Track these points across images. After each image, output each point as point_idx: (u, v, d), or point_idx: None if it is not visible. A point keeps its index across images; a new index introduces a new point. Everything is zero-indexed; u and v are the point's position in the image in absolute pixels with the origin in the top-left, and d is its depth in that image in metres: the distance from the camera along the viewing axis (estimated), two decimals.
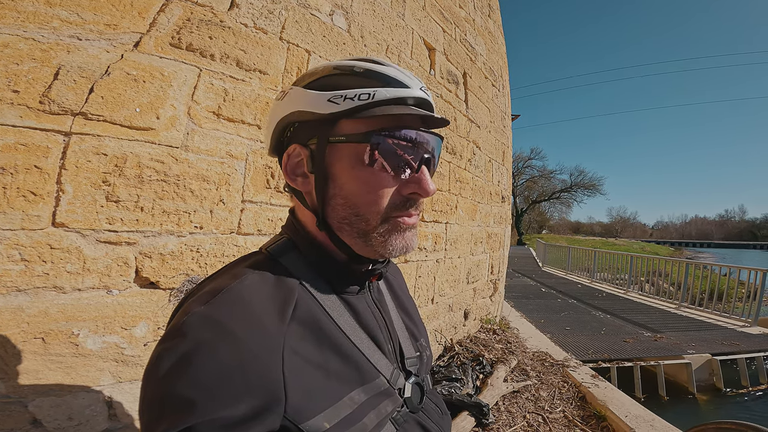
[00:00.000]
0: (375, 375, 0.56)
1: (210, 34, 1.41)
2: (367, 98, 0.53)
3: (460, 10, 3.71)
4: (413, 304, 0.83)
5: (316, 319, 0.53)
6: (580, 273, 12.68)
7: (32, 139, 1.05)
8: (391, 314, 0.70)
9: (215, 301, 0.47)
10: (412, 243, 0.58)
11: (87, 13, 1.15)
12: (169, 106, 1.29)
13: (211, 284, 0.54)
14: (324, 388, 0.49)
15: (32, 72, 1.05)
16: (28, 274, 1.05)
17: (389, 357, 0.61)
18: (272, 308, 0.49)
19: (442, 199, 3.24)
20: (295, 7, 1.77)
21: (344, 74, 0.56)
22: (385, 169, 0.54)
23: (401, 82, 0.56)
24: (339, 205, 0.56)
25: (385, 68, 0.57)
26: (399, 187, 0.56)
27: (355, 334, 0.57)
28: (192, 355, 0.42)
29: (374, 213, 0.55)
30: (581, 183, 48.72)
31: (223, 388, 0.41)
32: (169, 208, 1.30)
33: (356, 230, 0.56)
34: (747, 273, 7.12)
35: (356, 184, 0.55)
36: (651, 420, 2.79)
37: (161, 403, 0.41)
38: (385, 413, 0.55)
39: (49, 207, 1.08)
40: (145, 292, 1.27)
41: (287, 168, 0.60)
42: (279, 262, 0.58)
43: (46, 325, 1.09)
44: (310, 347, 0.50)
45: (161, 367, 0.42)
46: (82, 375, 1.15)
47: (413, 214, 0.58)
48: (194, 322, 0.45)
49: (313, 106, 0.55)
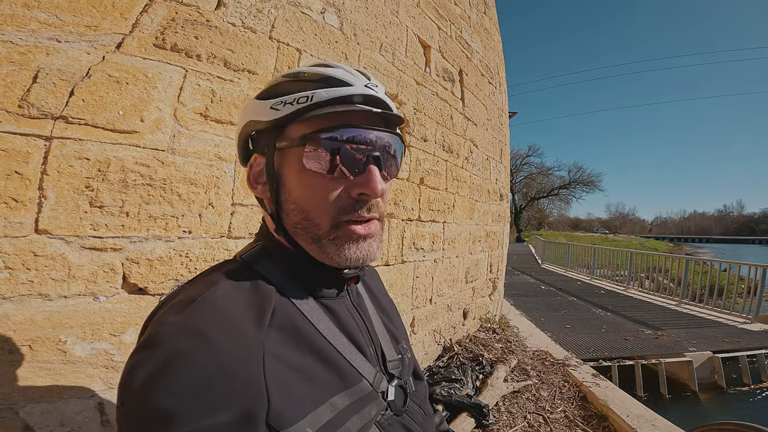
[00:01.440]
0: (357, 379, 0.56)
1: (196, 34, 1.38)
2: (305, 101, 0.53)
3: (455, 6, 3.68)
4: (393, 306, 0.83)
5: (295, 325, 0.52)
6: (580, 270, 12.67)
7: (12, 145, 1.02)
8: (371, 317, 0.69)
9: (189, 310, 0.46)
10: (370, 253, 0.57)
11: (66, 14, 1.12)
12: (153, 108, 1.26)
13: (183, 294, 0.52)
14: (306, 394, 0.48)
15: (10, 75, 1.02)
16: (13, 281, 1.03)
17: (371, 360, 0.61)
18: (249, 315, 0.48)
19: (440, 198, 3.21)
20: (285, 5, 1.75)
21: (290, 80, 0.57)
22: (326, 171, 0.53)
23: (342, 81, 0.55)
24: (291, 210, 0.56)
25: (330, 69, 0.56)
26: (346, 188, 0.55)
27: (335, 339, 0.56)
28: (168, 364, 0.40)
29: (322, 217, 0.54)
30: (580, 179, 48.83)
31: (203, 397, 0.40)
32: (156, 212, 1.27)
33: (310, 235, 0.56)
34: (747, 269, 7.10)
35: (301, 188, 0.55)
36: (653, 419, 2.76)
37: (139, 416, 0.40)
38: (369, 417, 0.54)
39: (32, 214, 1.06)
40: (133, 298, 1.24)
41: (250, 177, 0.61)
42: (254, 269, 0.57)
43: (33, 333, 1.06)
44: (291, 353, 0.49)
45: (136, 378, 0.40)
46: (72, 381, 1.13)
47: (365, 216, 0.56)
48: (168, 332, 0.43)
49: (259, 114, 0.56)
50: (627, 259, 10.25)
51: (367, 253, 0.56)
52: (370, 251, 0.56)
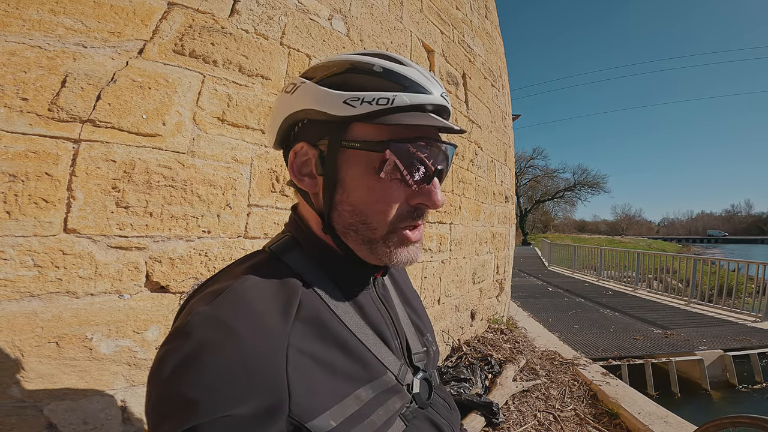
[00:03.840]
0: (382, 371, 0.56)
1: (212, 40, 1.43)
2: (385, 103, 0.50)
3: (457, 11, 3.74)
4: (418, 299, 0.83)
5: (320, 317, 0.52)
6: (587, 271, 12.62)
7: (42, 147, 1.07)
8: (397, 310, 0.69)
9: (218, 301, 0.47)
10: (416, 256, 0.58)
11: (91, 20, 1.17)
12: (174, 112, 1.31)
13: (214, 284, 0.53)
14: (330, 387, 0.48)
15: (40, 80, 1.07)
16: (41, 279, 1.07)
17: (396, 353, 0.61)
18: (276, 307, 0.49)
19: (446, 199, 3.24)
20: (294, 12, 1.80)
21: (361, 72, 0.52)
22: (399, 180, 0.53)
23: (423, 87, 0.53)
24: (346, 212, 0.54)
25: (405, 69, 0.53)
26: (408, 197, 0.54)
27: (361, 331, 0.56)
28: (196, 355, 0.42)
29: (382, 223, 0.54)
30: (585, 181, 48.76)
31: (227, 388, 0.41)
32: (178, 213, 1.31)
33: (362, 238, 0.55)
34: (756, 268, 7.05)
35: (366, 193, 0.53)
36: (665, 416, 2.76)
37: (166, 404, 0.42)
38: (394, 409, 0.54)
39: (61, 213, 1.10)
40: (155, 296, 1.28)
41: (293, 166, 0.58)
42: (282, 260, 0.57)
43: (60, 330, 1.10)
44: (316, 345, 0.49)
45: (166, 368, 0.43)
46: (96, 379, 1.16)
47: (419, 224, 0.57)
48: (198, 322, 0.45)
49: (327, 106, 0.52)
50: (634, 260, 10.21)
51: (415, 255, 0.57)
52: (416, 254, 0.58)
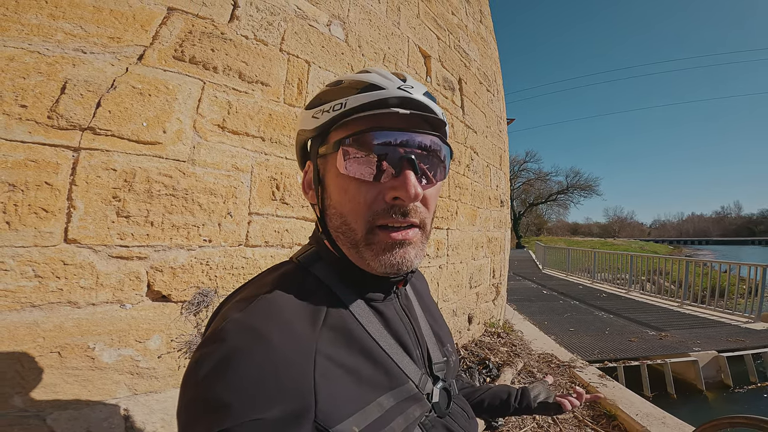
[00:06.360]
0: (404, 380, 0.57)
1: (212, 46, 1.42)
2: (339, 108, 0.55)
3: (452, 16, 3.76)
4: (437, 308, 0.84)
5: (346, 326, 0.54)
6: (581, 274, 12.68)
7: (42, 155, 1.05)
8: (419, 320, 0.70)
9: (251, 309, 0.49)
10: (406, 260, 0.55)
11: (90, 25, 1.16)
12: (174, 119, 1.30)
13: (245, 292, 0.56)
14: (354, 393, 0.49)
15: (39, 86, 1.06)
16: (42, 290, 1.06)
17: (417, 362, 0.62)
18: (304, 315, 0.51)
19: (443, 205, 3.25)
20: (293, 18, 1.80)
21: (331, 88, 0.59)
22: (359, 175, 0.53)
23: (376, 85, 0.55)
24: (332, 215, 0.58)
25: (366, 75, 0.58)
26: (381, 192, 0.54)
27: (384, 340, 0.57)
28: (229, 359, 0.43)
29: (359, 221, 0.54)
30: (577, 184, 49.09)
31: (258, 392, 0.42)
32: (178, 222, 1.30)
33: (349, 240, 0.56)
34: (747, 269, 7.13)
35: (339, 193, 0.56)
36: (662, 417, 2.78)
37: (198, 405, 0.42)
38: (413, 418, 0.55)
39: (61, 223, 1.09)
40: (157, 305, 1.27)
41: (304, 183, 0.65)
42: (309, 271, 0.60)
43: (62, 340, 1.09)
44: (342, 353, 0.51)
45: (200, 371, 0.44)
46: (98, 388, 1.15)
47: (401, 221, 0.54)
48: (231, 328, 0.47)
49: (305, 123, 0.61)
50: (627, 263, 10.29)
51: (403, 259, 0.54)
52: (406, 258, 0.55)
